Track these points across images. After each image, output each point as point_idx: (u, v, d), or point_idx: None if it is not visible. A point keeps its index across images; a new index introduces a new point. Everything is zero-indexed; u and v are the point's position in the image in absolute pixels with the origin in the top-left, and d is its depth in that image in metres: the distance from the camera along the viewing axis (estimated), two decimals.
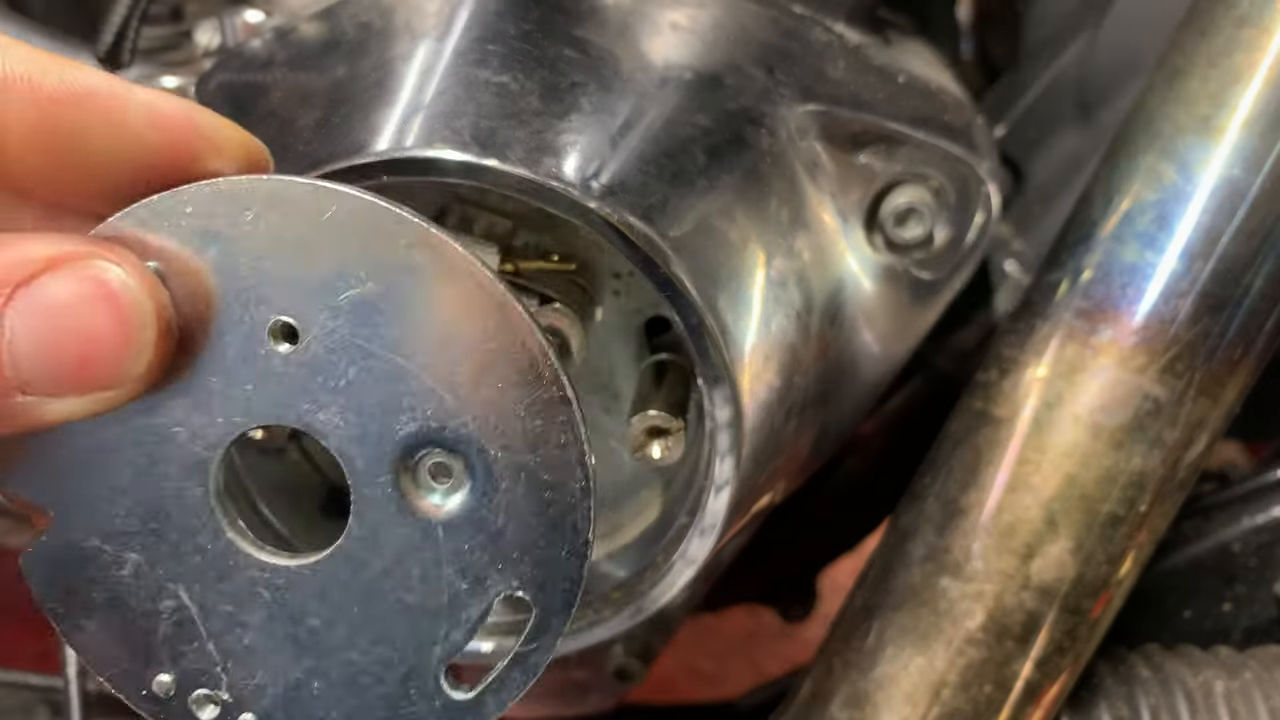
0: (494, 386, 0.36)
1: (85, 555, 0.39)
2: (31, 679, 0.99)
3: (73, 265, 0.33)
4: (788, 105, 0.58)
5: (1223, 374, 0.60)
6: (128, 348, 0.33)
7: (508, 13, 0.52)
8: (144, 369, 0.34)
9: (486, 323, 0.35)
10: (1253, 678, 0.67)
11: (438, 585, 0.38)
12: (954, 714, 0.61)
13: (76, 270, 0.33)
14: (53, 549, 0.39)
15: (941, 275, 0.63)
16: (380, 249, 0.35)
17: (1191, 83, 0.61)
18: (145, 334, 0.33)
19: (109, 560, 0.38)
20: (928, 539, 0.62)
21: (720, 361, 0.44)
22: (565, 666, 0.91)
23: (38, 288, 0.32)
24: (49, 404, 0.33)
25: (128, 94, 0.34)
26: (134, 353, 0.33)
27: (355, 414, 0.36)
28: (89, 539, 0.38)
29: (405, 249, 0.35)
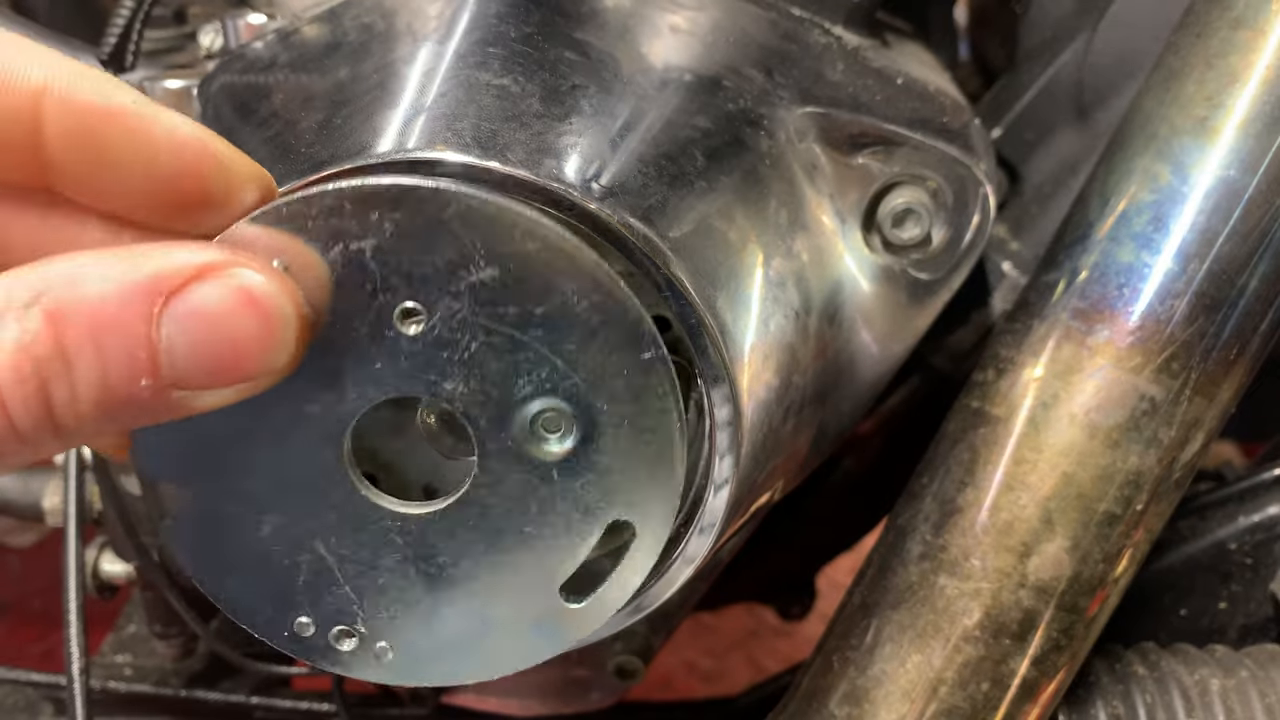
0: (601, 352, 0.41)
1: (224, 521, 0.43)
2: (35, 676, 0.99)
3: (219, 274, 0.36)
4: (786, 107, 0.58)
5: (1218, 374, 0.61)
6: (271, 345, 0.37)
7: (508, 16, 0.52)
8: (286, 361, 0.37)
9: (593, 298, 0.40)
10: (1248, 676, 0.67)
11: (554, 518, 0.43)
12: (951, 711, 0.62)
13: (223, 278, 0.36)
14: (192, 518, 0.43)
15: (939, 276, 0.63)
16: (496, 239, 0.40)
17: (1188, 84, 0.62)
18: (287, 332, 0.37)
19: (248, 523, 0.43)
20: (925, 537, 0.63)
21: (719, 361, 0.45)
22: (566, 664, 0.91)
23: (189, 295, 0.35)
24: (200, 396, 0.36)
25: (154, 116, 0.37)
26: (277, 349, 0.37)
27: (478, 382, 0.41)
28: (227, 506, 0.43)
29: (519, 238, 0.40)
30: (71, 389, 0.34)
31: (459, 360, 0.41)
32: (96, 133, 0.36)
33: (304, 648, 0.45)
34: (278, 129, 0.51)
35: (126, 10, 0.73)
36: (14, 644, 1.61)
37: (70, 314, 0.34)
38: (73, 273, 0.35)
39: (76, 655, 0.76)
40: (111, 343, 0.34)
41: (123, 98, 0.36)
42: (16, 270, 0.35)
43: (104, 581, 0.99)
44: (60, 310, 0.34)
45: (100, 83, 0.36)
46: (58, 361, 0.34)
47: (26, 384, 0.34)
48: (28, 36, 0.53)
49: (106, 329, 0.34)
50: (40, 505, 1.00)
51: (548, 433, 0.42)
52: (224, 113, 0.58)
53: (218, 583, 0.44)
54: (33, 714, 1.03)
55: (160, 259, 0.35)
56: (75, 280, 0.34)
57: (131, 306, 0.35)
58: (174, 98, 0.72)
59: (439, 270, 0.40)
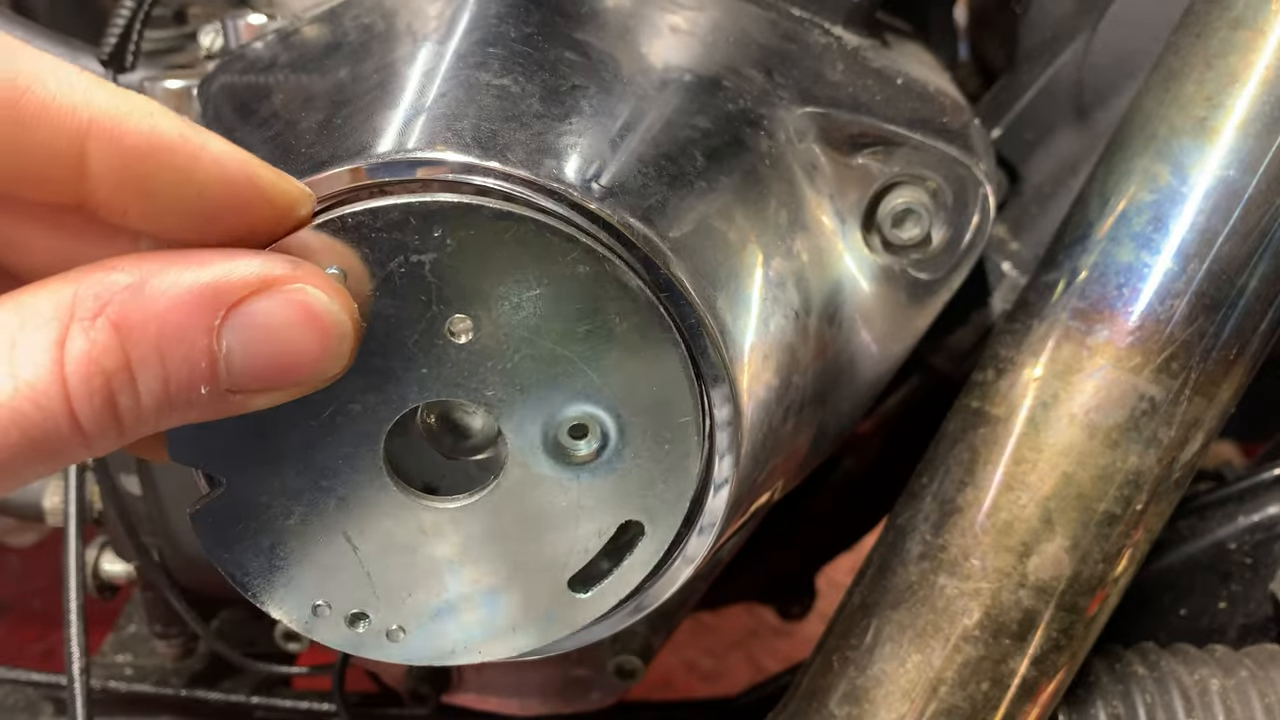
0: (635, 368, 0.43)
1: (253, 509, 0.44)
2: (35, 676, 0.99)
3: (278, 289, 0.37)
4: (786, 107, 0.58)
5: (1218, 374, 0.61)
6: (327, 357, 0.38)
7: (509, 16, 0.52)
8: (340, 369, 0.39)
9: (634, 320, 0.42)
10: (1248, 676, 0.67)
11: (573, 516, 0.45)
12: (951, 711, 0.62)
13: (283, 294, 0.37)
14: (221, 505, 0.44)
15: (939, 276, 0.63)
16: (552, 261, 0.41)
17: (1187, 85, 0.62)
18: (344, 345, 0.39)
19: (277, 512, 0.44)
20: (925, 537, 0.63)
21: (719, 361, 0.45)
22: (566, 664, 0.91)
23: (249, 309, 0.36)
24: (252, 398, 0.38)
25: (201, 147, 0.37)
26: (332, 360, 0.39)
27: (517, 389, 0.43)
28: (258, 496, 0.44)
29: (572, 263, 0.41)
30: (135, 397, 0.36)
31: (501, 369, 0.43)
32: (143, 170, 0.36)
33: (319, 630, 0.46)
34: (278, 129, 0.51)
35: (127, 10, 0.73)
36: (14, 644, 1.61)
37: (136, 325, 0.35)
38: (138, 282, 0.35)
39: (77, 655, 0.76)
40: (174, 352, 0.36)
41: (169, 130, 0.36)
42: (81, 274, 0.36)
43: (104, 581, 0.99)
44: (126, 321, 0.35)
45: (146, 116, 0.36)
46: (124, 373, 0.35)
47: (95, 394, 0.35)
48: (27, 37, 0.54)
49: (170, 340, 0.36)
50: (40, 505, 1.00)
51: (575, 438, 0.44)
52: (224, 113, 0.59)
53: (238, 565, 0.45)
54: (33, 714, 1.03)
55: (222, 269, 0.36)
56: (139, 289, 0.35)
57: (194, 318, 0.36)
58: (174, 98, 0.72)
59: (493, 286, 0.42)
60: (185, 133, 0.37)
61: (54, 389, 0.34)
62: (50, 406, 0.34)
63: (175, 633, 1.04)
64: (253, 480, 0.44)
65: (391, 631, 0.46)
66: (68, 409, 0.35)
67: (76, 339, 0.35)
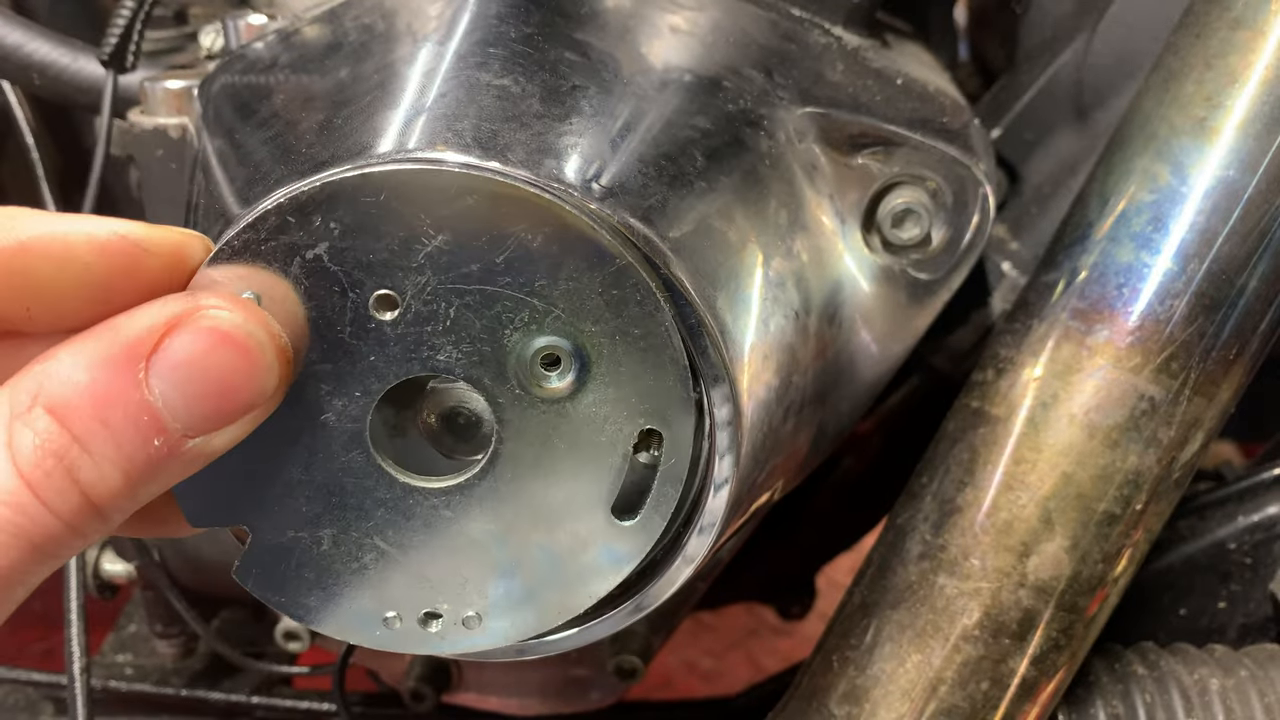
0: (570, 280, 0.42)
1: (286, 548, 0.44)
2: (36, 676, 0.99)
3: (187, 322, 0.38)
4: (786, 108, 0.59)
5: (1218, 374, 0.61)
6: (256, 372, 0.38)
7: (509, 16, 0.52)
8: (276, 382, 0.39)
9: (545, 231, 0.41)
10: (1248, 675, 0.67)
11: (582, 449, 0.44)
12: (951, 711, 0.62)
13: (192, 325, 0.38)
14: (256, 554, 0.44)
15: (938, 276, 0.63)
16: (434, 204, 0.40)
17: (1187, 85, 0.62)
18: (267, 355, 0.39)
19: (308, 542, 0.44)
20: (925, 537, 0.63)
21: (719, 361, 0.45)
22: (566, 664, 0.91)
23: (166, 351, 0.37)
24: (212, 439, 0.38)
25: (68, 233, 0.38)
26: (262, 374, 0.39)
27: (468, 344, 0.42)
28: (285, 534, 0.44)
29: (455, 197, 0.40)
30: (97, 469, 0.37)
31: (443, 330, 0.42)
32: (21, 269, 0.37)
33: (396, 638, 0.46)
34: (278, 129, 0.51)
35: (127, 10, 0.73)
36: (14, 644, 1.61)
37: (70, 403, 0.36)
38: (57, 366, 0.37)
39: (77, 655, 0.76)
40: (115, 416, 0.37)
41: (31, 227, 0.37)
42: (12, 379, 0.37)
43: (105, 581, 1.00)
44: (60, 403, 0.36)
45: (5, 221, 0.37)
46: (75, 449, 0.36)
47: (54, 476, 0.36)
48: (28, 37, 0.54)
49: (104, 406, 0.36)
50: None
51: (548, 370, 0.43)
52: (224, 113, 0.59)
53: (300, 606, 0.45)
54: (33, 714, 1.03)
55: (128, 326, 0.37)
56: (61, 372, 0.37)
57: (119, 377, 0.37)
58: (174, 98, 0.72)
59: (394, 252, 0.41)
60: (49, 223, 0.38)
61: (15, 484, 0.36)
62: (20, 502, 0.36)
63: (175, 632, 1.04)
64: (273, 521, 0.44)
65: (468, 619, 0.46)
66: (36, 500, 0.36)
67: (21, 434, 0.36)
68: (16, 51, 0.78)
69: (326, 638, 0.92)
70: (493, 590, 0.46)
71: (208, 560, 0.92)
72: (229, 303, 0.39)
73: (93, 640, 0.79)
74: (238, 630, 1.05)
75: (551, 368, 0.43)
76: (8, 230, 0.37)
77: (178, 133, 0.72)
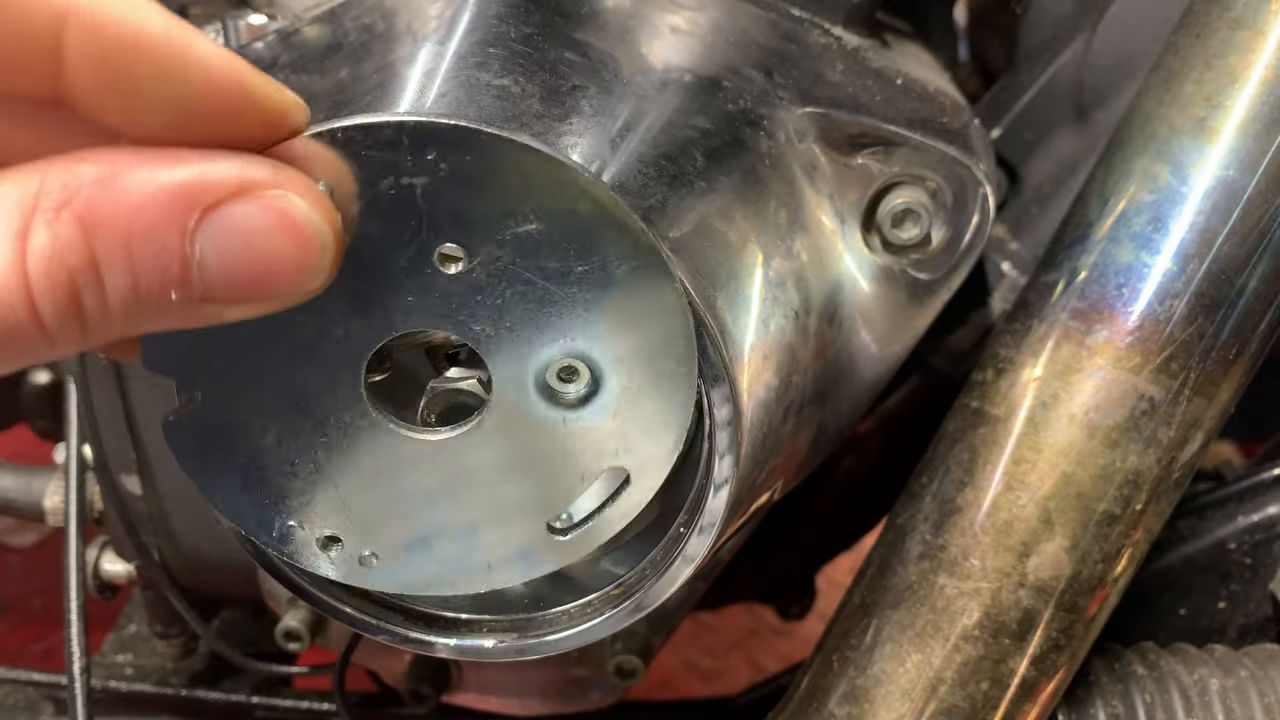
0: (630, 313, 0.42)
1: (229, 426, 0.43)
2: (36, 676, 1.00)
3: (258, 194, 0.35)
4: (786, 108, 0.59)
5: (1217, 374, 0.61)
6: (307, 269, 0.36)
7: (509, 16, 0.52)
8: (320, 284, 0.37)
9: (633, 264, 0.41)
10: (1248, 675, 0.67)
11: (555, 459, 0.44)
12: (951, 711, 0.62)
13: (262, 199, 0.35)
14: (196, 419, 0.43)
15: (938, 276, 0.63)
16: (550, 194, 0.40)
17: (1187, 85, 0.62)
18: (325, 257, 0.36)
19: (253, 430, 0.44)
20: (925, 537, 0.63)
21: (719, 361, 0.45)
22: (566, 664, 0.91)
23: (226, 212, 0.34)
24: (227, 309, 0.36)
25: (186, 47, 0.35)
26: (312, 273, 0.36)
27: (507, 327, 0.42)
28: (233, 413, 0.43)
29: (573, 197, 0.40)
30: (102, 296, 0.34)
31: (491, 305, 0.42)
32: (123, 65, 0.34)
33: (290, 549, 0.45)
34: None
35: None
36: (14, 643, 1.61)
37: (104, 221, 0.33)
38: (108, 175, 0.33)
39: (77, 655, 0.76)
40: (144, 253, 0.34)
41: (153, 24, 0.34)
42: (48, 165, 0.34)
43: (105, 581, 0.99)
44: (93, 216, 0.33)
45: (129, 7, 0.34)
46: (90, 270, 0.33)
47: (58, 290, 0.33)
48: None
49: (140, 239, 0.33)
50: (41, 505, 1.00)
51: (565, 381, 0.43)
52: None
53: (211, 482, 0.45)
54: (33, 714, 1.03)
55: (199, 168, 0.34)
56: (109, 184, 0.33)
57: (167, 218, 0.34)
58: None
59: (486, 217, 0.40)
60: (171, 28, 0.34)
61: (14, 281, 0.33)
62: (10, 300, 0.33)
63: (176, 632, 1.04)
64: (229, 396, 0.43)
65: (364, 558, 0.46)
66: (29, 303, 0.33)
67: (39, 232, 0.33)
68: None
69: (328, 637, 0.92)
70: (404, 542, 0.45)
71: (208, 560, 0.92)
72: (309, 190, 0.36)
73: (93, 640, 0.79)
74: (238, 630, 1.05)
75: (567, 379, 0.43)
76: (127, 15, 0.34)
77: None
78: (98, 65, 0.34)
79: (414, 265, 0.41)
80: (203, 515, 0.82)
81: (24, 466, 1.02)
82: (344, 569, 0.46)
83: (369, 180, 0.40)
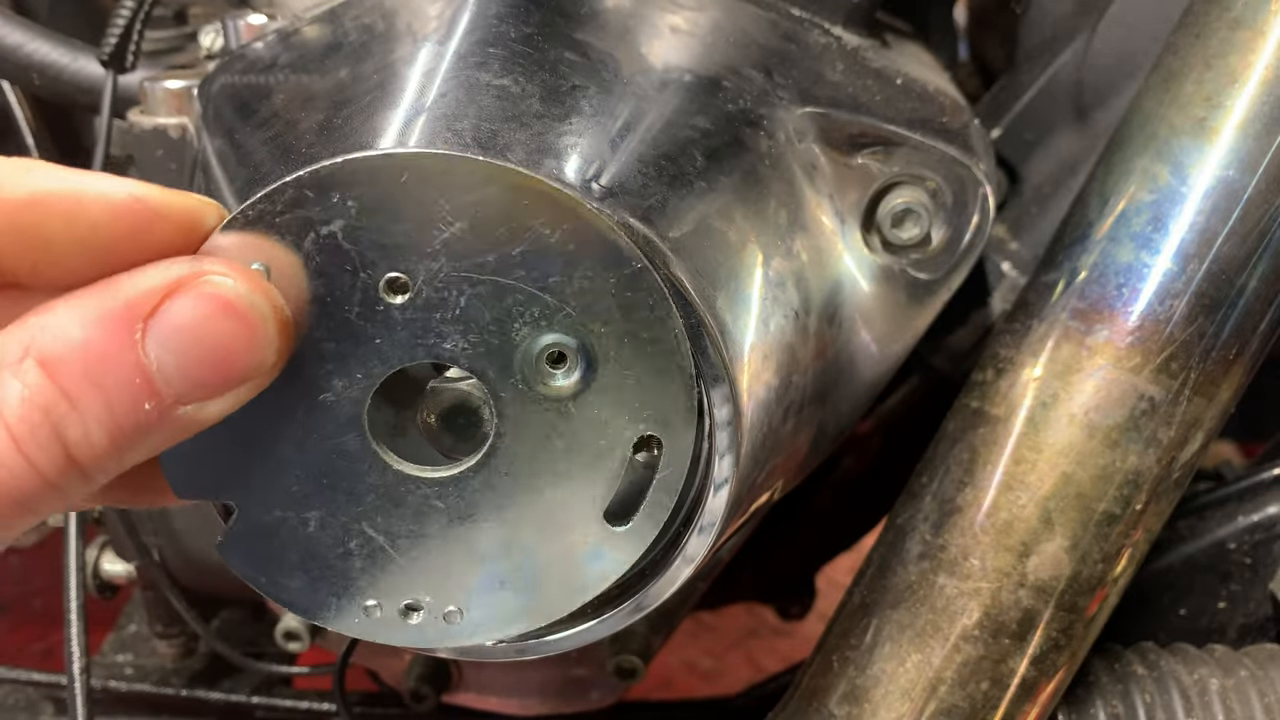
0: (584, 278, 0.41)
1: (271, 526, 0.44)
2: (36, 676, 0.99)
3: (187, 288, 0.37)
4: (786, 108, 0.59)
5: (1218, 374, 0.61)
6: (256, 344, 0.38)
7: (509, 16, 0.52)
8: (274, 356, 0.38)
9: (565, 227, 0.41)
10: (1248, 675, 0.67)
11: (580, 449, 0.44)
12: (951, 711, 0.62)
13: (192, 290, 0.37)
14: (241, 531, 0.44)
15: (938, 276, 0.63)
16: (456, 191, 0.40)
17: (1187, 85, 0.62)
18: (268, 328, 0.38)
19: (294, 523, 0.44)
20: (924, 537, 0.63)
21: (719, 361, 0.45)
22: (566, 664, 0.91)
23: (165, 315, 0.36)
24: (204, 408, 0.38)
25: (82, 189, 0.37)
26: (262, 346, 0.38)
27: (476, 334, 0.42)
28: (271, 512, 0.44)
29: (479, 185, 0.40)
30: (83, 427, 0.36)
31: (452, 318, 0.42)
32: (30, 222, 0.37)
33: (377, 630, 0.46)
34: (278, 129, 0.51)
35: (127, 10, 0.73)
36: (14, 643, 1.61)
37: (62, 358, 0.35)
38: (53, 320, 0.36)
39: (77, 655, 0.76)
40: (105, 377, 0.36)
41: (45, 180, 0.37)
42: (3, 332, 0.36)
43: (105, 581, 1.00)
44: (52, 357, 0.35)
45: (21, 173, 0.36)
46: (63, 405, 0.35)
47: (39, 432, 0.35)
48: (28, 37, 0.53)
49: (97, 364, 0.36)
50: None
51: (554, 368, 0.43)
52: (224, 113, 0.59)
53: (280, 588, 0.45)
54: (33, 714, 1.03)
55: (130, 285, 0.37)
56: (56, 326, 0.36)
57: (114, 336, 0.36)
58: (174, 98, 0.72)
59: (410, 235, 0.40)
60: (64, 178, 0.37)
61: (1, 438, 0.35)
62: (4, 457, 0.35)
63: (175, 632, 1.04)
64: (260, 498, 0.43)
65: (449, 614, 0.46)
66: (19, 453, 0.35)
67: (9, 385, 0.35)
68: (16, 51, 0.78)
69: (327, 637, 0.92)
70: (477, 586, 0.45)
71: (208, 560, 0.92)
72: (235, 271, 0.38)
73: (93, 640, 0.79)
74: (238, 630, 1.05)
75: (557, 365, 0.43)
76: (21, 181, 0.36)
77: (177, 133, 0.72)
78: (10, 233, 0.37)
79: (365, 308, 0.41)
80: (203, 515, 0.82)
81: None
82: (434, 633, 0.46)
83: (295, 245, 0.40)
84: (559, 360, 0.43)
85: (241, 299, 0.37)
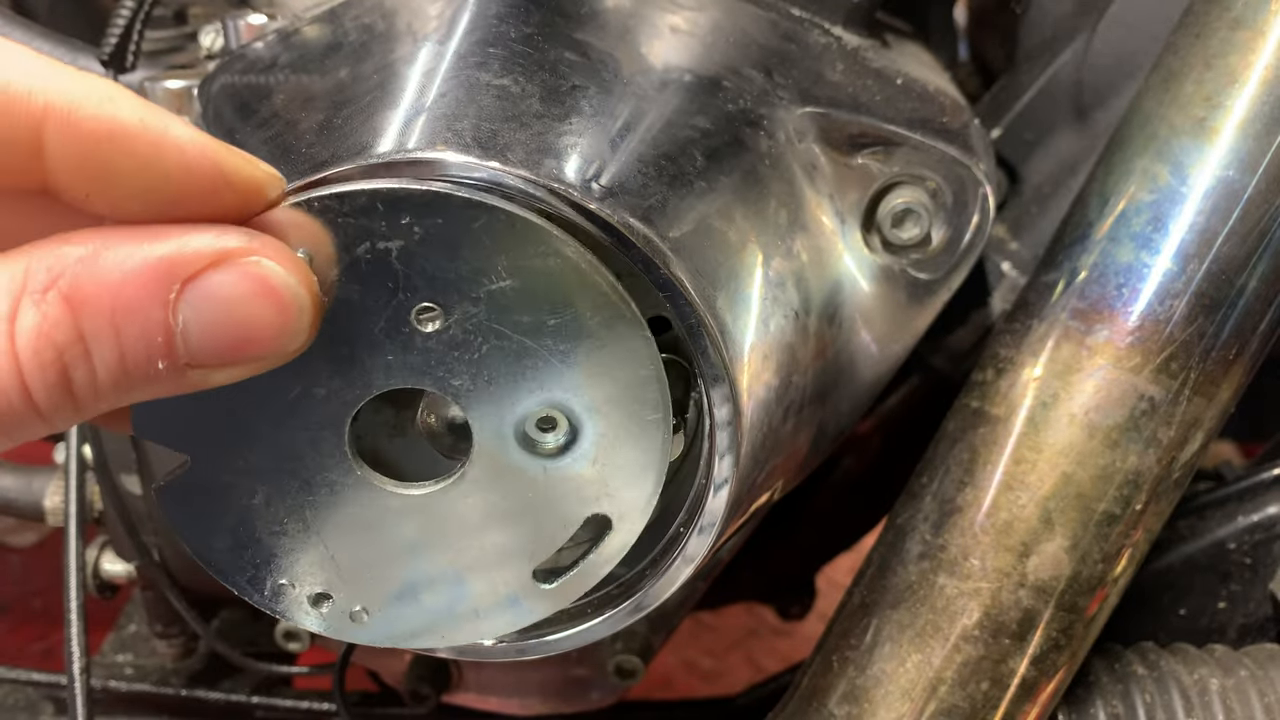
0: (604, 362, 0.43)
1: (218, 488, 0.44)
2: (36, 676, 0.99)
3: (235, 262, 0.36)
4: (786, 107, 0.59)
5: (1217, 374, 0.61)
6: (286, 332, 0.37)
7: (509, 16, 0.52)
8: (299, 345, 0.38)
9: (604, 315, 0.42)
10: (1248, 675, 0.67)
11: (538, 508, 0.45)
12: (951, 711, 0.62)
13: (239, 267, 0.36)
14: (186, 483, 0.44)
15: (938, 276, 0.63)
16: (520, 252, 0.41)
17: (1187, 85, 0.62)
18: (302, 320, 0.38)
19: (240, 492, 0.44)
20: (925, 537, 0.63)
21: (719, 361, 0.45)
22: (566, 664, 0.91)
23: (205, 282, 0.36)
24: (212, 374, 0.37)
25: (162, 133, 0.36)
26: (291, 335, 0.38)
27: (485, 381, 0.43)
28: (222, 475, 0.44)
29: (543, 254, 0.41)
30: (90, 371, 0.35)
31: (469, 360, 0.42)
32: (101, 155, 0.35)
33: (282, 606, 0.46)
34: (278, 129, 0.51)
35: (127, 10, 0.73)
36: (14, 643, 1.61)
37: (89, 298, 0.35)
38: (91, 255, 0.35)
39: (77, 655, 0.76)
40: (129, 327, 0.35)
41: (128, 116, 0.36)
42: (34, 248, 0.35)
43: (104, 581, 0.99)
44: (79, 294, 0.34)
45: (105, 102, 0.35)
46: (79, 346, 0.35)
47: (48, 368, 0.35)
48: (27, 37, 0.53)
49: (124, 314, 0.35)
50: (41, 505, 1.00)
51: (544, 431, 0.44)
52: (224, 113, 0.59)
53: (203, 543, 0.45)
54: (33, 713, 1.03)
55: (178, 242, 0.36)
56: (92, 263, 0.35)
57: (149, 291, 0.35)
58: (174, 98, 0.72)
59: (461, 275, 0.41)
60: (146, 118, 0.36)
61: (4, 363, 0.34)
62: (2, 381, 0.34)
63: (175, 632, 1.04)
64: (217, 459, 0.44)
65: (355, 613, 0.46)
66: (20, 384, 0.34)
67: (27, 313, 0.34)
68: None
69: (327, 638, 0.92)
70: (391, 595, 0.46)
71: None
72: (284, 258, 0.37)
73: (93, 640, 0.79)
74: (238, 630, 1.05)
75: (547, 429, 0.44)
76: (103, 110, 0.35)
77: None
78: (77, 158, 0.35)
79: (392, 325, 0.42)
80: None
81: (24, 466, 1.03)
82: (335, 624, 0.47)
83: (346, 245, 0.41)
84: (550, 425, 0.44)
85: (287, 287, 0.37)
